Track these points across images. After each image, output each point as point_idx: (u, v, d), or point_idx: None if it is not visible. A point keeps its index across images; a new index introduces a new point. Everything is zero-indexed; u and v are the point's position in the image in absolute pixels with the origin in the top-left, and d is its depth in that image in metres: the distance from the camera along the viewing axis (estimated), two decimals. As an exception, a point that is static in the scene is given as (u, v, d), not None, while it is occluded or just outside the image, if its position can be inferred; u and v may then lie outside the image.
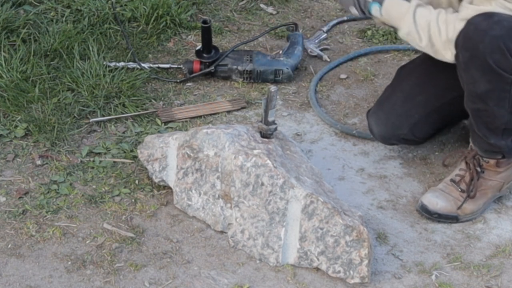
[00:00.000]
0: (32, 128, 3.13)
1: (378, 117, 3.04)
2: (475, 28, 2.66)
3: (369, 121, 3.07)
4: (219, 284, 2.67)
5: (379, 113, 3.04)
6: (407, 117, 3.00)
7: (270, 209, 2.70)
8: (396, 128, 3.01)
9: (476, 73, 2.70)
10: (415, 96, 3.00)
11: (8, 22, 3.54)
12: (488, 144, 2.84)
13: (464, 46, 2.69)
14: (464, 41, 2.68)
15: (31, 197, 2.91)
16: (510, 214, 2.96)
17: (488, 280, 2.73)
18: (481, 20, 2.65)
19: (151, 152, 2.91)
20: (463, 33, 2.69)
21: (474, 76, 2.71)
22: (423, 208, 2.91)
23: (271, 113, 2.79)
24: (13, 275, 2.66)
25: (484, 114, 2.78)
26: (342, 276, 2.68)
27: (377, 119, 3.04)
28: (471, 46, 2.67)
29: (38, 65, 3.37)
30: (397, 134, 3.02)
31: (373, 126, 3.05)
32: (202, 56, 3.44)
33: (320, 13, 3.89)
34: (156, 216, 2.88)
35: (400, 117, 3.00)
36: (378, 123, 3.03)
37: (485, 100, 2.74)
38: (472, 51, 2.67)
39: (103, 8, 3.67)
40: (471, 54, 2.68)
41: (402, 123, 3.00)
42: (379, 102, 3.08)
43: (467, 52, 2.69)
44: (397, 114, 3.00)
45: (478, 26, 2.65)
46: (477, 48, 2.65)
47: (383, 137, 3.06)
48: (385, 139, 3.07)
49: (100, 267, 2.70)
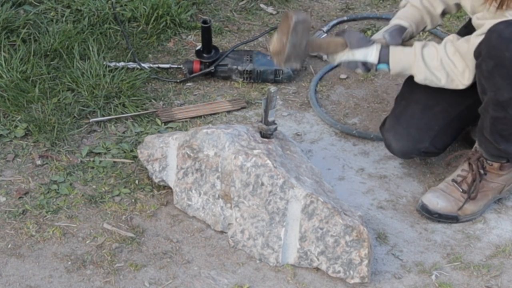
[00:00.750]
0: (32, 128, 3.13)
1: (396, 132, 2.96)
2: (498, 36, 2.63)
3: (386, 137, 3.00)
4: (219, 284, 2.67)
5: (397, 127, 2.97)
6: (428, 129, 2.94)
7: (270, 209, 2.70)
8: (417, 142, 2.94)
9: (501, 81, 2.67)
10: (432, 107, 2.95)
11: (8, 22, 3.54)
12: (497, 149, 2.83)
13: (488, 54, 2.66)
14: (488, 49, 2.66)
15: (31, 197, 2.91)
16: (510, 214, 2.96)
17: (488, 280, 2.73)
18: (504, 28, 2.63)
19: (151, 152, 2.91)
20: (486, 42, 2.66)
21: (498, 84, 2.68)
22: (423, 208, 2.91)
23: (271, 113, 2.79)
24: (13, 275, 2.66)
25: (502, 122, 2.75)
26: (342, 276, 2.68)
27: (395, 134, 2.97)
28: (496, 54, 2.64)
29: (38, 65, 3.37)
30: (418, 148, 2.95)
31: (392, 141, 2.98)
32: (202, 56, 3.44)
33: (320, 13, 3.89)
34: (156, 216, 2.88)
35: (421, 130, 2.94)
36: (398, 138, 2.96)
37: (506, 108, 2.71)
38: (497, 60, 2.64)
39: (103, 8, 3.67)
40: (496, 62, 2.65)
41: (423, 136, 2.94)
42: (394, 116, 3.00)
43: (491, 60, 2.66)
44: (417, 127, 2.94)
45: (501, 33, 2.63)
46: (503, 56, 2.63)
47: (404, 153, 2.99)
48: (405, 154, 3.00)
49: (100, 267, 2.70)
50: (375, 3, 3.94)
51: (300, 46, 2.77)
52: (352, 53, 2.86)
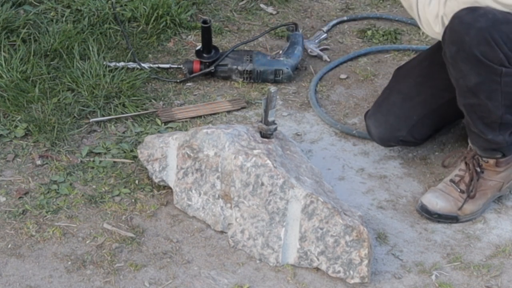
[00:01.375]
0: (32, 128, 3.13)
1: (376, 119, 3.03)
2: (459, 22, 2.65)
3: (367, 123, 3.07)
4: (219, 284, 2.67)
5: (377, 115, 3.04)
6: (406, 118, 3.00)
7: (270, 209, 2.70)
8: (395, 130, 3.01)
9: (465, 66, 2.68)
10: (413, 97, 3.00)
11: (8, 22, 3.54)
12: (486, 141, 2.83)
13: (450, 40, 2.68)
14: (450, 35, 2.67)
15: (31, 197, 2.91)
16: (510, 214, 2.96)
17: (488, 280, 2.73)
18: (466, 13, 2.64)
19: (151, 152, 2.91)
20: (449, 28, 2.68)
21: (463, 69, 2.69)
22: (423, 208, 2.91)
23: (271, 113, 2.79)
24: (13, 275, 2.66)
25: (478, 109, 2.76)
26: (342, 276, 2.68)
27: (375, 121, 3.03)
28: (457, 39, 2.65)
29: (38, 65, 3.37)
30: (396, 136, 3.02)
31: (372, 128, 3.05)
32: (202, 56, 3.44)
33: (320, 13, 3.89)
34: (156, 216, 2.88)
35: (399, 119, 3.00)
36: (376, 125, 3.03)
37: (477, 93, 2.72)
38: (459, 45, 2.66)
39: (103, 8, 3.67)
40: (458, 47, 2.66)
41: (401, 125, 3.00)
42: (377, 104, 3.07)
43: (453, 46, 2.67)
44: (396, 115, 3.00)
45: (462, 19, 2.64)
46: (463, 41, 2.64)
47: (382, 139, 3.06)
48: (383, 141, 3.07)
49: (100, 267, 2.70)
50: (375, 3, 3.94)
51: None
52: None
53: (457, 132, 3.21)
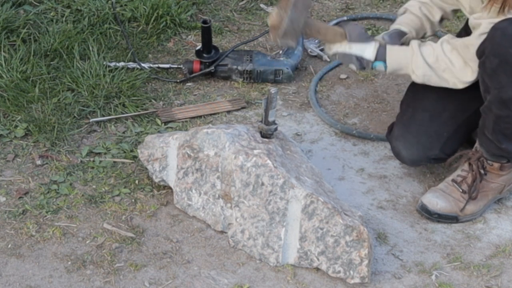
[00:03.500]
0: (32, 128, 3.13)
1: (406, 140, 2.94)
2: (502, 33, 2.63)
3: (395, 145, 2.98)
4: (219, 284, 2.67)
5: (407, 135, 2.94)
6: (438, 136, 2.93)
7: (270, 209, 2.70)
8: (427, 150, 2.93)
9: (506, 79, 2.67)
10: (440, 113, 2.93)
11: (8, 22, 3.54)
12: (498, 148, 2.83)
13: (493, 52, 2.65)
14: (492, 47, 2.65)
15: (31, 197, 2.91)
16: (510, 214, 2.96)
17: (488, 280, 2.73)
18: (508, 25, 2.63)
19: (151, 152, 2.91)
20: (489, 39, 2.66)
21: (502, 81, 2.68)
22: (423, 208, 2.91)
23: (271, 113, 2.79)
24: (13, 275, 2.66)
25: (505, 121, 2.75)
26: (342, 276, 2.68)
27: (405, 143, 2.94)
28: (500, 51, 2.64)
29: (38, 65, 3.37)
30: (428, 155, 2.94)
31: (402, 150, 2.96)
32: (202, 56, 3.44)
33: (320, 13, 3.89)
34: (156, 216, 2.88)
35: (431, 138, 2.93)
36: (408, 146, 2.94)
37: (510, 106, 2.71)
38: (501, 57, 2.64)
39: (103, 8, 3.67)
40: (500, 59, 2.65)
41: (433, 144, 2.93)
42: (402, 124, 2.97)
43: (496, 58, 2.65)
44: (427, 135, 2.92)
45: (505, 31, 2.63)
46: (507, 53, 2.62)
47: (414, 161, 2.97)
48: (415, 162, 2.99)
49: (100, 267, 2.70)
50: (375, 3, 3.94)
51: (298, 23, 2.75)
52: (350, 46, 2.85)
53: (457, 132, 3.21)
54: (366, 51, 2.85)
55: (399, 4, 3.93)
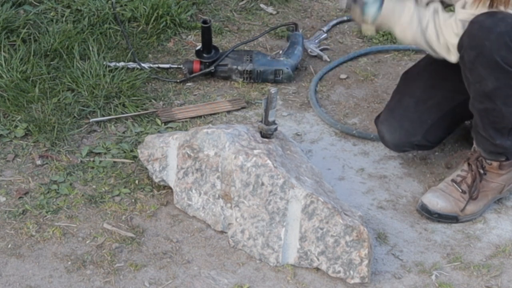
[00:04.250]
0: (32, 128, 3.13)
1: (390, 124, 2.98)
2: (479, 26, 2.64)
3: (380, 129, 3.01)
4: (219, 284, 2.67)
5: (391, 120, 2.98)
6: (421, 122, 2.95)
7: (270, 209, 2.70)
8: (410, 135, 2.96)
9: (483, 71, 2.68)
10: (426, 101, 2.96)
11: (8, 22, 3.54)
12: (493, 145, 2.83)
13: (470, 45, 2.67)
14: (469, 40, 2.67)
15: (31, 197, 2.91)
16: (510, 214, 2.96)
17: (488, 280, 2.73)
18: (485, 18, 2.64)
19: (151, 152, 2.91)
20: (467, 33, 2.67)
21: (481, 74, 2.69)
22: (423, 208, 2.91)
23: (271, 113, 2.79)
24: (13, 275, 2.66)
25: (492, 114, 2.76)
26: (342, 276, 2.68)
27: (389, 127, 2.98)
28: (477, 44, 2.65)
29: (38, 65, 3.37)
30: (411, 141, 2.97)
31: (385, 134, 2.99)
32: (202, 56, 3.44)
33: (320, 13, 3.89)
34: (156, 216, 2.88)
35: (414, 123, 2.95)
36: (391, 130, 2.98)
37: (493, 98, 2.72)
38: (478, 49, 2.65)
39: (103, 8, 3.67)
40: (477, 52, 2.66)
41: (416, 130, 2.96)
42: (389, 109, 3.02)
43: (472, 50, 2.66)
44: (410, 120, 2.96)
45: (482, 23, 2.64)
46: (483, 46, 2.63)
47: (396, 145, 3.01)
48: (398, 147, 3.02)
49: (100, 267, 2.70)
50: (375, 3, 3.94)
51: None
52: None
53: (457, 133, 3.21)
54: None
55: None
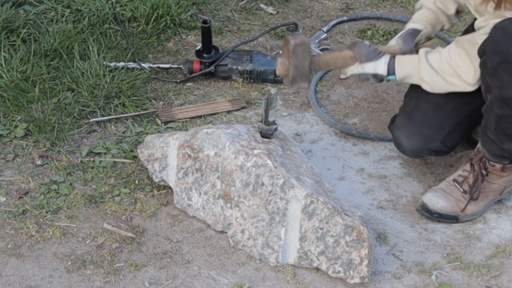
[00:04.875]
0: (32, 128, 3.13)
1: (408, 130, 2.94)
2: (503, 32, 2.64)
3: (397, 135, 2.97)
4: (219, 284, 2.67)
5: (409, 126, 2.94)
6: (440, 128, 2.93)
7: (270, 209, 2.70)
8: (429, 141, 2.93)
9: (506, 77, 2.67)
10: (444, 105, 2.93)
11: (8, 22, 3.54)
12: (500, 149, 2.83)
13: (494, 50, 2.66)
14: (494, 45, 2.66)
15: (31, 197, 2.91)
16: (510, 214, 2.96)
17: (488, 280, 2.73)
18: (509, 24, 2.64)
19: (151, 152, 2.91)
20: (491, 38, 2.67)
21: (503, 80, 2.68)
22: (423, 208, 2.91)
23: (271, 113, 2.79)
24: (13, 275, 2.66)
25: (507, 120, 2.75)
26: (342, 276, 2.68)
27: (407, 133, 2.94)
28: (501, 50, 2.64)
29: (38, 65, 3.37)
30: (429, 147, 2.94)
31: (403, 140, 2.96)
32: (202, 56, 3.44)
33: (320, 13, 3.89)
34: (156, 216, 2.88)
35: (433, 129, 2.93)
36: (409, 136, 2.94)
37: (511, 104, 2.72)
38: (502, 55, 2.65)
39: (103, 8, 3.67)
40: (501, 58, 2.65)
41: (435, 135, 2.93)
42: (405, 115, 2.98)
43: (496, 56, 2.66)
44: (429, 126, 2.93)
45: (506, 29, 2.64)
46: (508, 52, 2.63)
47: (414, 151, 2.97)
48: (416, 153, 2.99)
49: (100, 267, 2.70)
50: (375, 3, 3.94)
51: (303, 67, 2.82)
52: (362, 66, 2.89)
53: (457, 132, 3.21)
54: (378, 68, 2.88)
55: (399, 4, 3.93)
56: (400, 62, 2.89)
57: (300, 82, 2.86)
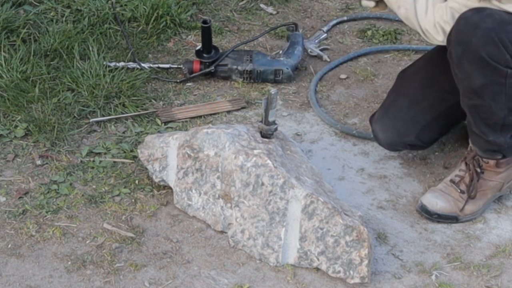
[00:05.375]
0: (32, 128, 3.13)
1: (383, 123, 3.00)
2: (466, 22, 2.65)
3: (374, 128, 3.03)
4: (219, 284, 2.67)
5: (384, 119, 3.00)
6: (414, 123, 2.97)
7: (270, 209, 2.70)
8: (403, 135, 2.98)
9: (470, 67, 2.68)
10: (419, 102, 2.97)
11: (8, 22, 3.54)
12: (487, 142, 2.83)
13: (457, 40, 2.68)
14: (456, 35, 2.67)
15: (31, 197, 2.91)
16: (510, 214, 2.96)
17: (488, 280, 2.73)
18: (472, 14, 2.65)
19: (151, 152, 2.91)
20: (455, 29, 2.68)
21: (468, 70, 2.69)
22: (422, 209, 2.91)
23: (271, 113, 2.79)
24: (13, 275, 2.66)
25: (481, 110, 2.76)
26: (342, 276, 2.68)
27: (382, 126, 3.00)
28: (463, 40, 2.65)
29: (38, 65, 3.37)
30: (404, 141, 2.99)
31: (379, 133, 3.01)
32: (202, 56, 3.44)
33: (320, 13, 3.89)
34: (156, 216, 2.88)
35: (407, 124, 2.97)
36: (384, 129, 3.00)
37: (481, 94, 2.72)
38: (465, 45, 2.66)
39: (103, 8, 3.67)
40: (464, 48, 2.66)
41: (409, 130, 2.97)
42: (383, 108, 3.03)
43: (459, 46, 2.67)
44: (404, 120, 2.97)
45: (469, 19, 2.64)
46: (470, 42, 2.64)
47: (389, 144, 3.03)
48: (390, 146, 3.04)
49: (100, 267, 2.70)
50: (375, 3, 3.94)
51: None
52: None
53: (457, 132, 3.21)
54: None
55: (399, 4, 3.92)
56: None
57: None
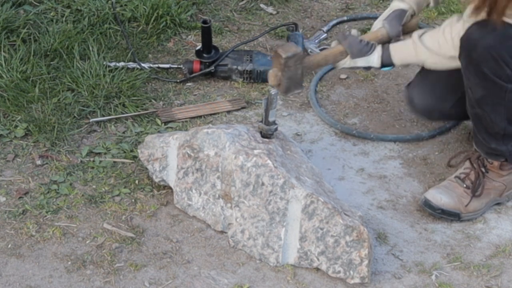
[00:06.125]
0: (32, 128, 3.13)
1: (422, 88, 2.97)
2: (467, 38, 2.69)
3: (410, 94, 3.00)
4: (219, 284, 2.67)
5: (424, 84, 2.96)
6: (453, 90, 2.93)
7: (270, 209, 2.70)
8: (442, 100, 2.96)
9: (473, 79, 2.73)
10: (459, 73, 2.87)
11: (8, 22, 3.54)
12: (489, 148, 2.85)
13: (462, 54, 2.73)
14: (462, 49, 2.72)
15: (31, 197, 2.91)
16: (510, 214, 2.97)
17: (488, 280, 2.73)
18: (474, 30, 2.68)
19: (151, 152, 2.91)
20: (461, 41, 2.72)
21: (471, 82, 2.75)
22: (426, 204, 2.90)
23: (271, 113, 2.79)
24: (13, 275, 2.66)
25: (483, 119, 2.80)
26: (342, 276, 2.68)
27: (421, 90, 2.97)
28: (465, 54, 2.71)
29: (38, 65, 3.37)
30: (441, 107, 2.97)
31: (416, 98, 2.99)
32: (202, 56, 3.44)
33: (320, 13, 3.89)
34: (156, 216, 2.88)
35: (446, 90, 2.95)
36: (423, 94, 2.97)
37: (482, 105, 2.77)
38: (467, 59, 2.71)
39: (103, 8, 3.67)
40: (467, 61, 2.72)
41: (448, 97, 2.95)
42: (422, 74, 2.99)
43: (464, 59, 2.73)
44: (443, 86, 2.94)
45: (470, 36, 2.69)
46: (471, 57, 2.69)
47: (425, 110, 3.00)
48: (426, 112, 3.02)
49: (100, 267, 2.70)
50: (375, 3, 3.94)
51: (296, 76, 2.80)
52: (355, 61, 2.88)
53: (457, 132, 3.22)
54: (371, 62, 2.87)
55: (399, 4, 3.92)
56: (396, 51, 2.86)
57: (294, 89, 2.83)
